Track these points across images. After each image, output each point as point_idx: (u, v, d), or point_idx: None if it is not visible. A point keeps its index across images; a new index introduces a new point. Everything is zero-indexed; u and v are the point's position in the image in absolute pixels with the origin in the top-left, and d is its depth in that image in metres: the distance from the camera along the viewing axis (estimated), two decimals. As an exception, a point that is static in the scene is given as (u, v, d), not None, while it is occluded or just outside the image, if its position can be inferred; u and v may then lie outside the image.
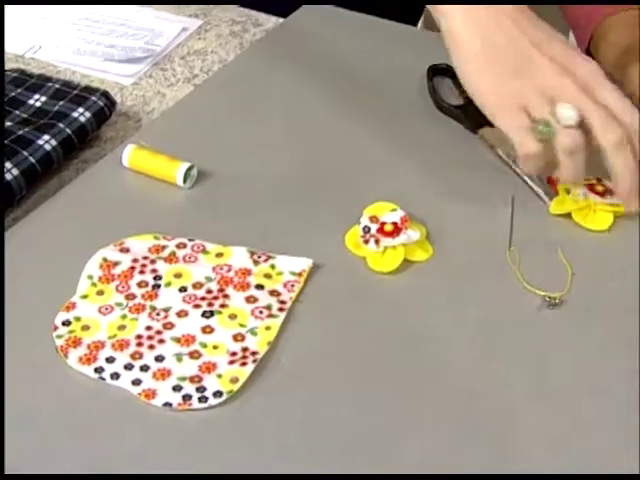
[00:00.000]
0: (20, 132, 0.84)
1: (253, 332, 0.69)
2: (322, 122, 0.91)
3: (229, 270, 0.74)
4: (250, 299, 0.72)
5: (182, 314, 0.71)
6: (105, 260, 0.74)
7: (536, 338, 0.70)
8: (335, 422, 0.63)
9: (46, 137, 0.84)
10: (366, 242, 0.75)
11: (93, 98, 0.89)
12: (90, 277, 0.73)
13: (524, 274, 0.74)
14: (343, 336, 0.70)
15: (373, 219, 0.76)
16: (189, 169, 0.82)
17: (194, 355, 0.67)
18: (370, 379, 0.67)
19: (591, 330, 0.70)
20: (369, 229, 0.75)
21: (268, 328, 0.69)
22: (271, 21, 1.10)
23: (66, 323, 0.69)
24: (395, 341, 0.69)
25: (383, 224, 0.76)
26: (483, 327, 0.70)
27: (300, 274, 0.74)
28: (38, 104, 0.90)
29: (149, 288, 0.73)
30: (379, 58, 1.01)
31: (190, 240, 0.77)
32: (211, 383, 0.65)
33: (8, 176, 0.79)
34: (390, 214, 0.76)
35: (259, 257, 0.75)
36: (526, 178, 0.82)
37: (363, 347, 0.69)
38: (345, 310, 0.72)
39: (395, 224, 0.75)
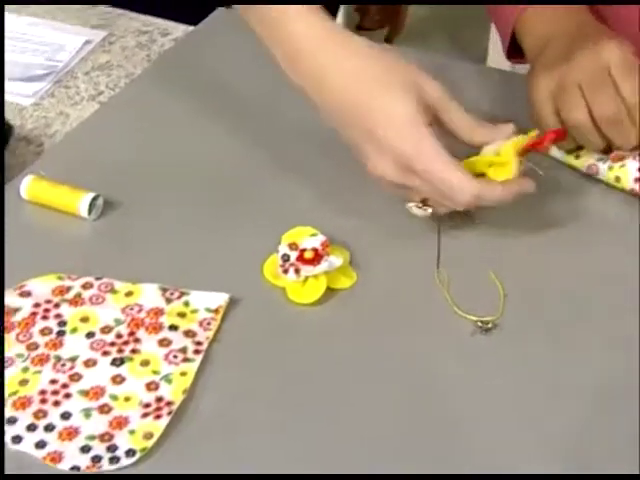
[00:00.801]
0: None
1: (167, 379, 0.64)
2: (236, 141, 0.85)
3: (140, 310, 0.69)
4: (163, 342, 0.67)
5: (90, 363, 0.65)
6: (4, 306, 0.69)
7: (471, 365, 0.66)
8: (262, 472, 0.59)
9: None
10: (285, 272, 0.70)
11: (-13, 124, 0.83)
12: (-13, 327, 0.67)
13: (455, 296, 0.70)
14: (265, 377, 0.65)
15: (292, 246, 0.71)
16: (94, 199, 0.77)
17: (104, 409, 0.62)
18: (296, 421, 0.62)
19: (526, 354, 0.67)
20: (288, 257, 0.71)
21: (184, 374, 0.64)
22: (180, 29, 1.04)
23: (-40, 382, 0.64)
24: (321, 378, 0.65)
25: (303, 251, 0.71)
26: (414, 357, 0.67)
27: (216, 310, 0.69)
28: None
29: (53, 336, 0.67)
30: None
31: (97, 279, 0.71)
32: (123, 441, 0.60)
33: None
34: (310, 239, 0.72)
35: (172, 294, 0.70)
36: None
37: (287, 387, 0.65)
38: (266, 347, 0.67)
39: (316, 250, 0.71)
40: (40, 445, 0.60)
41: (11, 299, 0.69)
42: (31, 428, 0.61)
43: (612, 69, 0.75)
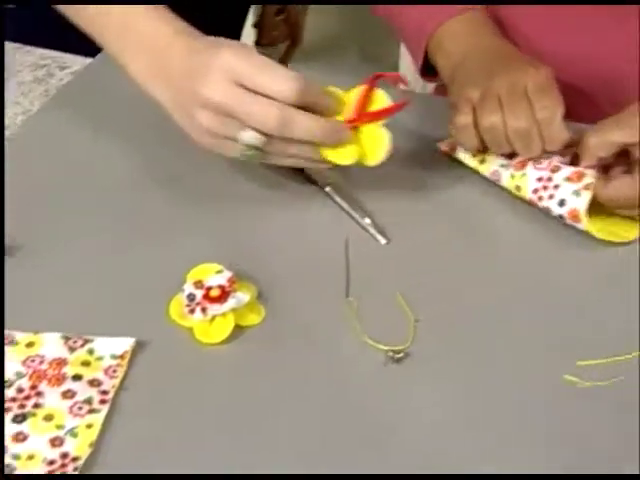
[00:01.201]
0: None
1: (73, 433, 0.62)
2: (136, 176, 0.83)
3: (42, 362, 0.66)
4: (67, 394, 0.64)
5: (-10, 421, 0.63)
6: None
7: (384, 396, 0.65)
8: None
9: None
10: (192, 312, 0.69)
11: None
12: None
13: (366, 324, 0.69)
14: (176, 422, 0.63)
15: (198, 284, 0.70)
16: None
17: (5, 470, 0.60)
18: (210, 467, 0.60)
19: (439, 382, 0.66)
20: (194, 296, 0.69)
21: (90, 426, 0.62)
22: (78, 62, 1.01)
23: None
24: (234, 419, 0.64)
25: (209, 289, 0.69)
26: (327, 390, 0.65)
27: (122, 356, 0.67)
28: None
29: (-50, 394, 0.64)
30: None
31: (-4, 331, 0.68)
32: (26, 502, 0.58)
33: None
34: (216, 277, 0.70)
35: (75, 342, 0.68)
36: (359, 218, 0.78)
37: (200, 432, 0.63)
38: (176, 391, 0.66)
39: (222, 288, 0.69)
40: (-61, 513, 0.57)
41: None
42: None
43: (529, 88, 0.77)
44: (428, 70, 0.93)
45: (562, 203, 0.75)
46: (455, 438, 0.63)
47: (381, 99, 0.76)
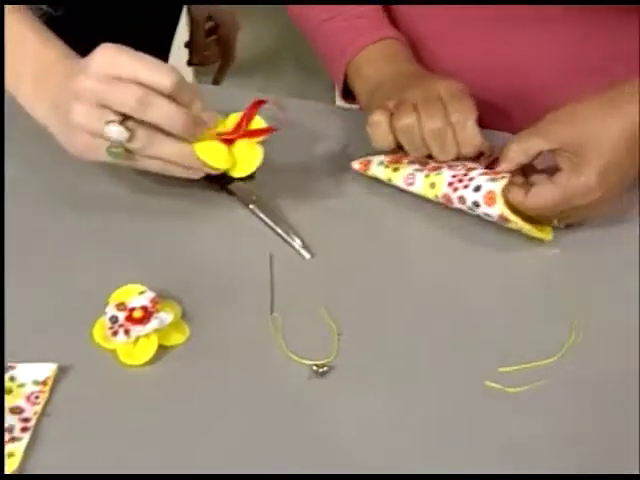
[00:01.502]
0: None
1: (-6, 463, 0.61)
2: (53, 197, 0.82)
3: (-38, 391, 0.65)
4: (-12, 423, 0.63)
5: None
6: None
7: (309, 409, 0.65)
8: None
9: None
10: (115, 334, 0.68)
11: None
12: None
13: (290, 340, 0.69)
14: (102, 447, 0.63)
15: (120, 306, 0.69)
16: None
17: None
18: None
19: (364, 393, 0.66)
20: (117, 319, 0.69)
21: (11, 455, 0.61)
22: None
23: None
24: (162, 441, 0.63)
25: (132, 310, 0.69)
26: (252, 406, 0.65)
27: (44, 382, 0.66)
28: None
29: None
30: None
31: None
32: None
33: None
34: (138, 298, 0.70)
35: (-4, 369, 0.67)
36: (282, 234, 0.78)
37: (127, 455, 0.62)
38: (100, 415, 0.65)
39: (145, 308, 0.69)
40: None
41: None
42: None
43: (442, 94, 0.79)
44: (349, 93, 0.94)
45: (477, 189, 0.76)
46: (381, 447, 0.63)
47: (258, 123, 0.78)
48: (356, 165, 0.85)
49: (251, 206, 0.81)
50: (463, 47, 0.95)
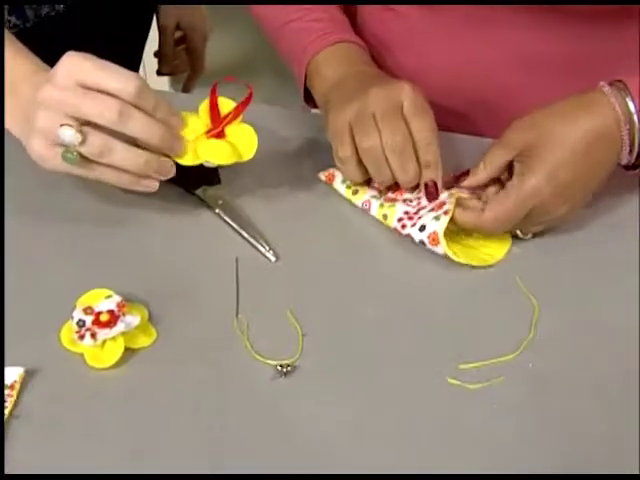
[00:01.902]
0: None
1: (-38, 466, 0.62)
2: (23, 204, 0.83)
3: None
4: (-44, 427, 0.64)
5: None
6: None
7: (272, 409, 0.67)
8: None
9: None
10: (82, 337, 0.69)
11: None
12: None
13: (255, 341, 0.71)
14: (69, 451, 0.64)
15: (87, 310, 0.70)
16: None
17: None
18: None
19: (328, 392, 0.68)
20: (84, 322, 0.70)
21: (-21, 457, 0.62)
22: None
23: None
24: (129, 444, 0.64)
25: (98, 314, 0.70)
26: (218, 405, 0.67)
27: (12, 386, 0.67)
28: None
29: None
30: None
31: None
32: None
33: None
34: (105, 302, 0.71)
35: (-37, 374, 0.68)
36: (248, 237, 0.79)
37: (96, 457, 0.63)
38: (69, 418, 0.66)
39: (111, 312, 0.70)
40: None
41: None
42: None
43: (405, 107, 0.79)
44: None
45: (422, 228, 0.77)
46: (344, 445, 0.64)
47: (228, 104, 0.79)
48: (322, 176, 0.86)
49: (217, 210, 0.82)
50: (429, 52, 0.96)
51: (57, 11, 1.13)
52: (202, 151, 0.76)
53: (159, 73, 1.42)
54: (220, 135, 0.78)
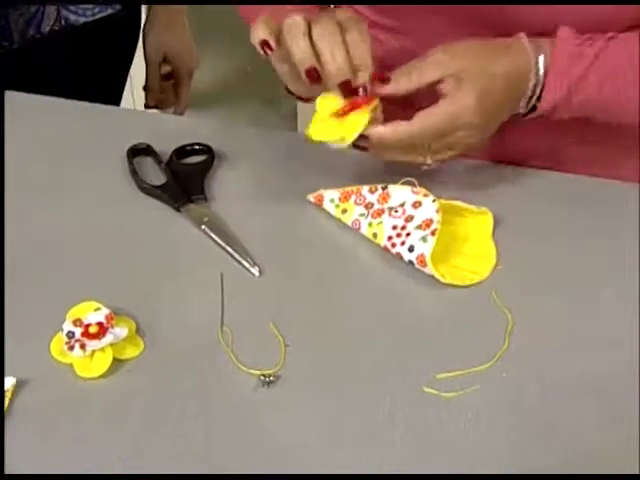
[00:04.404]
0: None
1: (-46, 473, 0.64)
2: (18, 215, 0.86)
3: None
4: (-52, 435, 0.66)
5: None
6: None
7: (254, 418, 0.69)
8: None
9: None
10: (71, 348, 0.71)
11: None
12: None
13: (239, 353, 0.73)
14: (61, 458, 0.66)
15: (77, 322, 0.73)
16: None
17: None
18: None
19: (309, 401, 0.70)
20: (73, 334, 0.72)
21: (-29, 463, 0.64)
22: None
23: None
24: (115, 452, 0.66)
25: (88, 326, 0.72)
26: (201, 416, 0.69)
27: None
28: None
29: None
30: (78, 140, 0.97)
31: None
32: None
33: None
34: (94, 314, 0.73)
35: (-44, 384, 0.70)
36: (233, 252, 0.82)
37: (85, 467, 0.65)
38: (59, 427, 0.68)
39: (100, 324, 0.72)
40: None
41: None
42: None
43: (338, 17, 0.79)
44: None
45: (411, 249, 0.80)
46: (325, 452, 0.67)
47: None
48: (311, 198, 0.88)
49: (203, 227, 0.84)
50: None
51: (43, 34, 1.16)
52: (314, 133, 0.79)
53: (146, 106, 1.43)
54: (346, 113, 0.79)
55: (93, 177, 0.92)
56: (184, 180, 0.90)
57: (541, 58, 0.82)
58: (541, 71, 0.82)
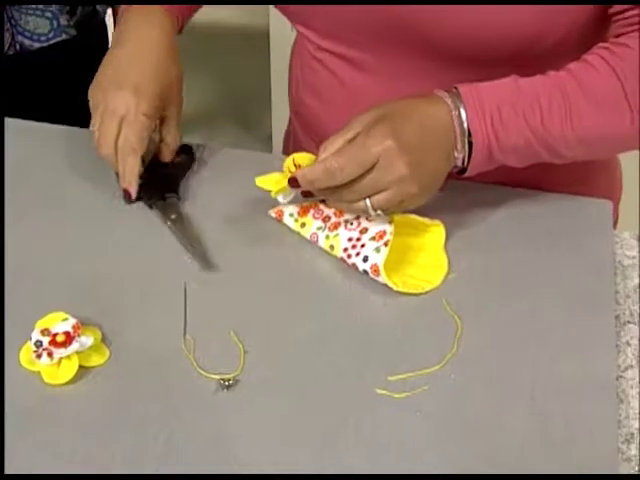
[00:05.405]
0: None
1: None
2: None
3: None
4: None
5: None
6: None
7: (215, 420, 0.72)
8: None
9: None
10: (39, 356, 0.75)
11: None
12: None
13: (200, 358, 0.77)
14: (27, 463, 0.69)
15: (44, 332, 0.76)
16: None
17: None
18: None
19: (267, 403, 0.74)
20: (41, 343, 0.75)
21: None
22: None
23: None
24: (81, 456, 0.70)
25: (55, 335, 0.76)
26: (164, 419, 0.72)
27: (-26, 402, 0.72)
28: None
29: None
30: (51, 160, 1.00)
31: None
32: None
33: None
34: (61, 324, 0.77)
35: None
36: (191, 251, 0.86)
37: (53, 470, 0.69)
38: (26, 432, 0.71)
39: (67, 333, 0.76)
40: None
41: None
42: None
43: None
44: None
45: (365, 259, 0.83)
46: (282, 453, 0.70)
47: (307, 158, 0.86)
48: (272, 213, 0.92)
49: (169, 223, 0.89)
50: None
51: (25, 49, 1.18)
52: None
53: None
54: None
55: (64, 190, 0.95)
56: (161, 178, 0.93)
57: (462, 108, 0.81)
58: (465, 123, 0.81)
